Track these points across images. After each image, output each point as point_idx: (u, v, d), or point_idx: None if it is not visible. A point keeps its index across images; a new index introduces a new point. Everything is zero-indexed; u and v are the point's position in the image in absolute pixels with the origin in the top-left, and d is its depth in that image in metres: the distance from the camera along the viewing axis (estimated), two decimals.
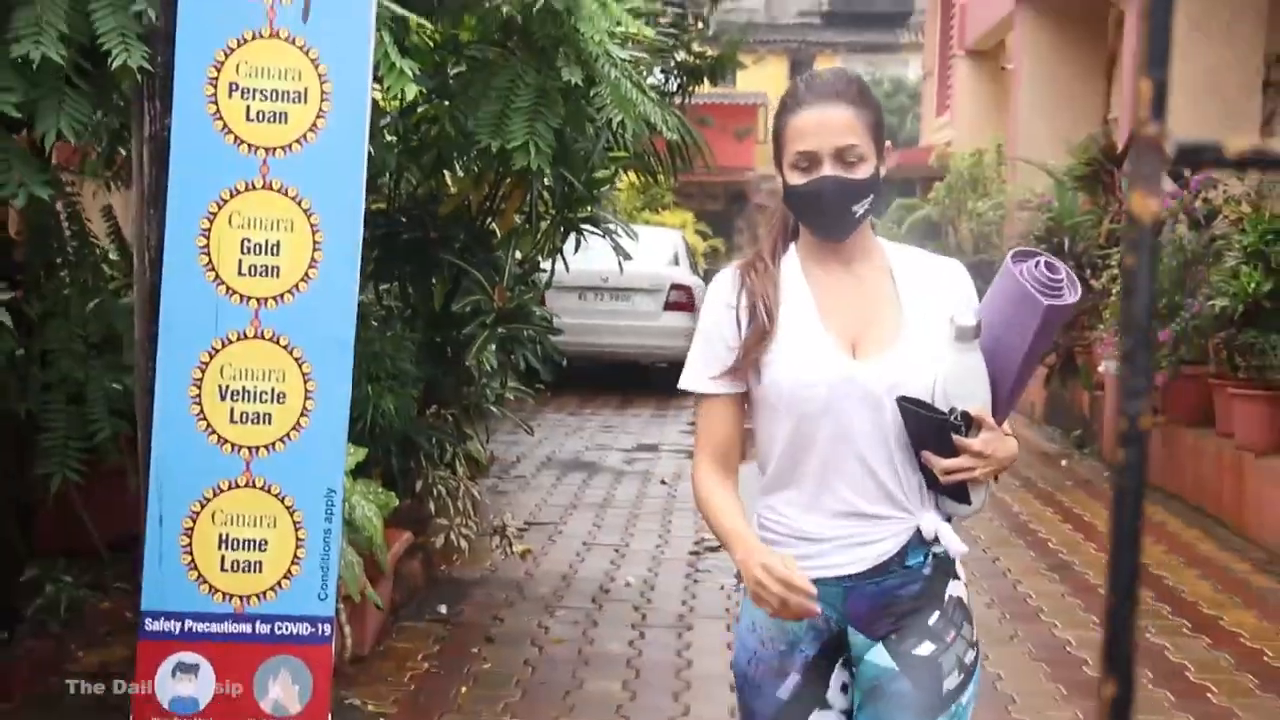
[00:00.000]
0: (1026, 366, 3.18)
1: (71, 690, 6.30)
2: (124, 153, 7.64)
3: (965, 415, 3.07)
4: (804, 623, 3.17)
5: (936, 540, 3.19)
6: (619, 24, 7.35)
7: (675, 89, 10.45)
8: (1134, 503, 1.21)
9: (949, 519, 3.25)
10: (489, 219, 9.51)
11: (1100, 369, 14.56)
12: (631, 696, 6.89)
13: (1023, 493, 12.44)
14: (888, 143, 3.27)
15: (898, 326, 3.21)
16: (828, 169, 3.11)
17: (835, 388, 3.14)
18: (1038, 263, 3.07)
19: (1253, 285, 10.28)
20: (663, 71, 10.44)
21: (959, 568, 3.30)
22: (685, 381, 3.39)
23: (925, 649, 3.14)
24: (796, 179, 3.16)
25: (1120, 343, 1.19)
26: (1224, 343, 11.13)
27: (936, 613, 3.20)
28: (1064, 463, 14.25)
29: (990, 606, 8.66)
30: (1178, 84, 13.18)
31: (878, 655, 3.17)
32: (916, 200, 25.78)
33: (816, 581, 3.06)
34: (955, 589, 3.26)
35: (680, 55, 10.69)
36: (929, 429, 3.07)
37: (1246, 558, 10.16)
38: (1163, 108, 1.09)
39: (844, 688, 3.25)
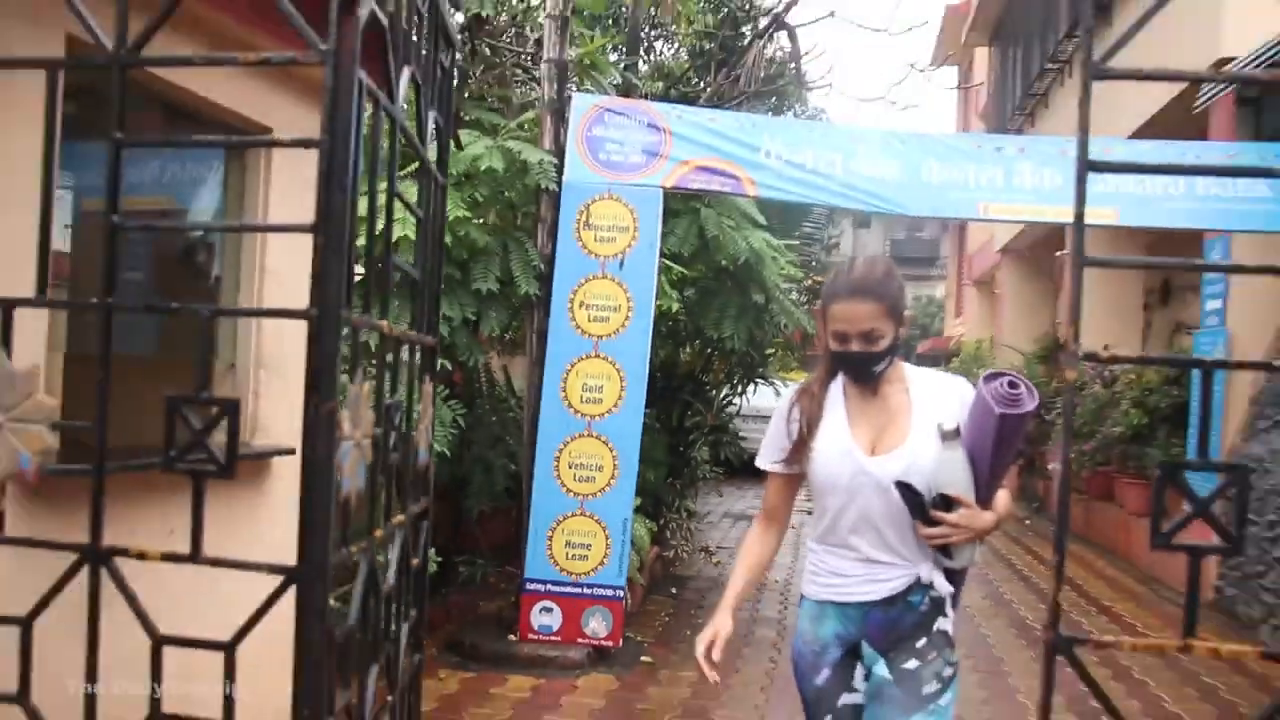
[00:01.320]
0: (997, 460, 2.70)
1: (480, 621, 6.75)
2: (507, 336, 8.15)
3: (944, 497, 2.67)
4: (830, 631, 2.83)
5: (933, 585, 2.78)
6: (783, 269, 7.83)
7: (805, 301, 10.75)
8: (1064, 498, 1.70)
9: (948, 572, 2.82)
10: (706, 374, 9.74)
11: (1050, 467, 14.59)
12: (777, 649, 7.11)
13: (1003, 538, 12.40)
14: (908, 312, 2.60)
15: (906, 432, 2.77)
16: (855, 346, 2.72)
17: (854, 478, 2.76)
18: (1002, 382, 2.64)
19: (1136, 420, 10.45)
20: (797, 292, 10.73)
21: (949, 609, 2.83)
22: (759, 461, 3.01)
23: (911, 664, 2.75)
24: (834, 345, 2.76)
25: (1062, 436, 1.65)
26: (1120, 452, 11.16)
27: (925, 639, 2.77)
28: (1027, 520, 14.18)
29: (967, 593, 8.80)
30: (1096, 309, 13.48)
31: (880, 668, 2.78)
32: (941, 369, 25.43)
33: (845, 605, 2.81)
34: (943, 624, 2.80)
35: (808, 282, 10.98)
36: (914, 505, 2.70)
37: (1128, 574, 10.25)
38: (1078, 336, 1.44)
39: (865, 678, 2.83)
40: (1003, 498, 2.80)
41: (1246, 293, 8.98)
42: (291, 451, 3.52)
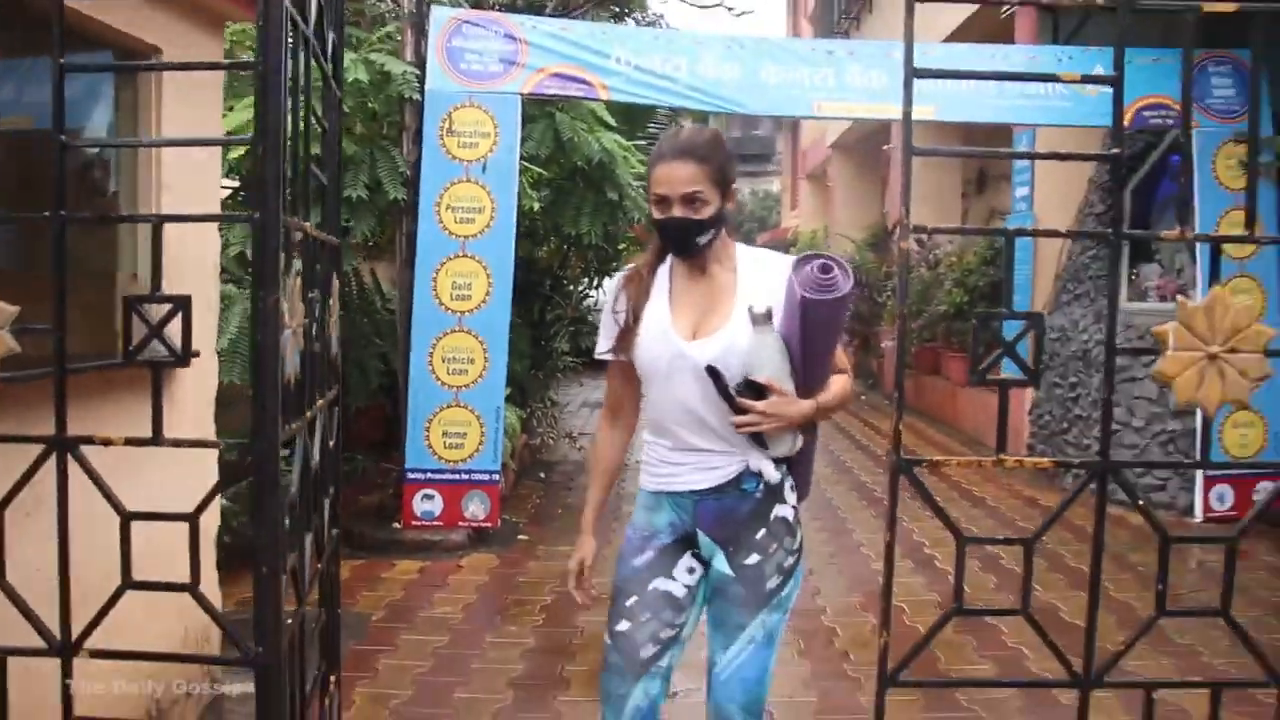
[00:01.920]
0: (809, 345, 2.48)
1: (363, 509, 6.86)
2: (371, 242, 8.07)
3: (751, 383, 2.46)
4: (664, 520, 2.63)
5: (762, 473, 2.57)
6: (633, 168, 7.94)
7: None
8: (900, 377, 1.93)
9: (790, 459, 2.63)
10: (564, 269, 9.84)
11: (883, 345, 15.25)
12: None
13: (842, 413, 12.94)
14: (735, 186, 2.59)
15: (729, 314, 2.54)
16: (676, 210, 2.49)
17: (672, 362, 2.54)
18: (814, 265, 2.43)
19: (958, 298, 11.05)
20: (645, 189, 10.79)
21: (788, 494, 2.63)
22: (596, 351, 2.75)
23: (753, 559, 2.57)
24: (656, 214, 2.55)
25: (895, 313, 1.84)
26: (945, 329, 11.78)
27: (764, 530, 2.58)
28: (863, 396, 14.82)
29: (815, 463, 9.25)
30: (920, 197, 13.99)
31: (721, 563, 2.60)
32: None
33: (676, 494, 2.61)
34: (781, 510, 2.62)
35: None
36: (722, 391, 2.49)
37: (954, 439, 10.97)
38: (909, 214, 1.47)
39: (690, 570, 2.63)
40: (837, 384, 2.62)
41: (1050, 181, 9.54)
42: (197, 354, 3.58)
